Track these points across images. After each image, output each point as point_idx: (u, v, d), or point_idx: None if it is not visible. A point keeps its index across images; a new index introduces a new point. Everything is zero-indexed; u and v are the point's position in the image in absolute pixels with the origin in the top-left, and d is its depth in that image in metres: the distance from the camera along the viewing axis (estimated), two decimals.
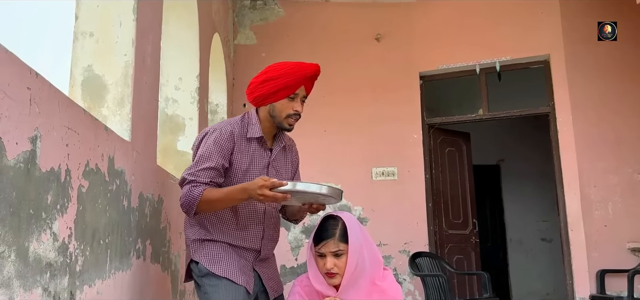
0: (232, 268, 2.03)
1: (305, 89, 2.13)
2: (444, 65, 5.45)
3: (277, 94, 2.07)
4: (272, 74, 2.09)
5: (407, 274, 5.03)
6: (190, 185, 1.98)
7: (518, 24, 5.31)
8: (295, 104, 2.10)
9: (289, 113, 2.10)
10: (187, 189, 1.98)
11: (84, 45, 2.38)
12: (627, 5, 4.72)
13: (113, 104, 2.33)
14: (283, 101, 2.09)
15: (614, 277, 4.61)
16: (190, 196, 1.97)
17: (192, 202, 1.96)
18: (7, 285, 1.30)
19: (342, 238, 1.89)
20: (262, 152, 2.15)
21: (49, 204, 1.53)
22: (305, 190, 1.87)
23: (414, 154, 5.35)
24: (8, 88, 1.30)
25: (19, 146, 1.36)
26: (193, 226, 2.12)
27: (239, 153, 2.08)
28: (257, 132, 2.11)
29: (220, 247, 2.07)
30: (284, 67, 2.10)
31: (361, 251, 1.89)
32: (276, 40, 5.64)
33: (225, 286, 1.99)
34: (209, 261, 2.04)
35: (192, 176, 1.99)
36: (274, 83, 2.07)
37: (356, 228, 1.92)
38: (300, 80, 2.09)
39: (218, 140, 2.03)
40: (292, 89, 2.07)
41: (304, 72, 2.09)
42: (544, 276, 7.52)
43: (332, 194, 1.88)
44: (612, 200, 4.82)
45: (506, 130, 7.61)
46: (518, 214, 7.88)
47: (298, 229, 5.29)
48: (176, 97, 3.86)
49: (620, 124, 4.93)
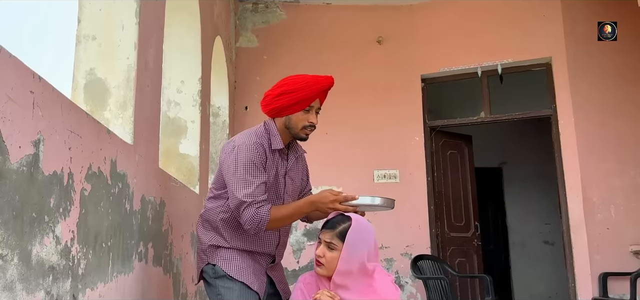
0: (248, 273, 2.07)
1: (319, 100, 2.18)
2: (445, 67, 5.45)
3: (292, 107, 2.11)
4: (288, 88, 2.12)
5: (409, 277, 5.03)
6: (255, 207, 1.98)
7: (520, 27, 5.31)
8: (311, 116, 2.15)
9: (304, 125, 2.14)
10: (252, 212, 1.98)
11: (86, 48, 2.38)
12: (628, 8, 4.71)
13: (115, 107, 2.34)
14: (299, 114, 2.13)
15: (616, 280, 4.60)
16: (259, 217, 1.98)
17: (261, 223, 1.98)
18: (10, 289, 1.30)
19: (340, 235, 1.91)
20: (282, 162, 2.19)
21: (52, 207, 1.53)
22: (371, 203, 2.03)
23: (416, 157, 5.34)
24: (11, 91, 1.31)
25: (22, 149, 1.36)
26: (208, 232, 2.16)
27: (268, 165, 2.11)
28: (279, 144, 2.14)
29: (236, 253, 2.11)
30: (300, 82, 2.13)
31: (352, 257, 1.89)
32: (278, 43, 5.65)
33: (240, 290, 2.03)
34: (226, 264, 2.08)
35: (251, 198, 1.98)
36: (290, 97, 2.11)
37: (359, 236, 1.91)
38: (315, 94, 2.13)
39: (255, 156, 2.05)
40: (307, 102, 2.12)
41: (320, 87, 2.15)
42: (546, 279, 7.50)
43: (388, 205, 2.08)
44: (615, 203, 4.81)
45: (508, 132, 7.60)
46: (520, 217, 7.86)
47: (300, 231, 5.29)
48: (178, 100, 3.87)
49: (623, 127, 4.92)
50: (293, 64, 5.57)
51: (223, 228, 2.13)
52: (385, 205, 2.07)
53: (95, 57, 2.38)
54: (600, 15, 5.00)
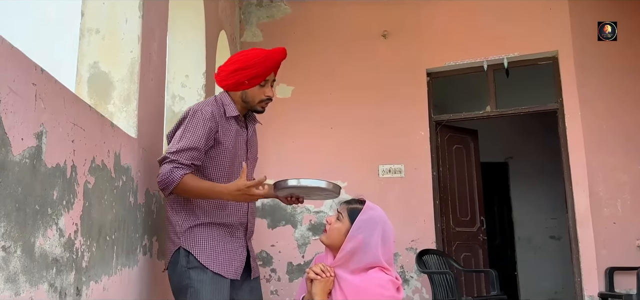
0: (222, 258, 2.07)
1: (274, 73, 2.20)
2: (451, 62, 5.42)
3: (247, 83, 2.14)
4: (241, 64, 2.15)
5: (414, 271, 5.02)
6: (172, 165, 2.01)
7: (526, 20, 5.27)
8: (267, 90, 2.19)
9: (261, 99, 2.19)
10: (168, 169, 2.00)
11: (90, 41, 2.39)
12: (636, 1, 4.67)
13: (119, 100, 2.34)
14: (254, 89, 2.17)
15: (623, 275, 4.57)
16: (170, 178, 1.99)
17: (169, 184, 2.00)
18: (14, 281, 1.30)
19: (350, 211, 1.95)
20: (240, 130, 2.21)
21: (55, 199, 1.53)
22: (296, 185, 2.02)
23: (421, 152, 5.32)
24: (13, 84, 1.30)
25: (25, 142, 1.36)
26: (179, 212, 2.12)
27: (223, 132, 2.12)
28: (234, 111, 2.17)
29: (211, 233, 2.09)
30: (252, 58, 2.15)
31: (357, 238, 1.89)
32: (282, 37, 5.63)
33: (213, 282, 2.02)
34: (200, 251, 2.06)
35: (174, 156, 2.02)
36: (244, 73, 2.14)
37: (370, 219, 1.92)
38: (269, 69, 2.16)
39: (201, 121, 2.06)
40: (262, 77, 2.15)
41: (273, 61, 2.16)
42: (552, 274, 7.47)
43: (331, 188, 2.04)
44: (622, 197, 4.78)
45: (514, 127, 7.56)
46: (526, 212, 7.83)
47: (305, 226, 5.29)
48: (183, 94, 3.87)
49: (630, 121, 4.88)
50: (297, 58, 5.56)
51: (195, 202, 2.11)
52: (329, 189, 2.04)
53: (99, 51, 2.38)
54: (608, 8, 4.96)
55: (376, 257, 1.90)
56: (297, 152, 5.42)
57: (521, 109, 5.48)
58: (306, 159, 5.40)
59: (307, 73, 5.57)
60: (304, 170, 5.37)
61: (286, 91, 5.57)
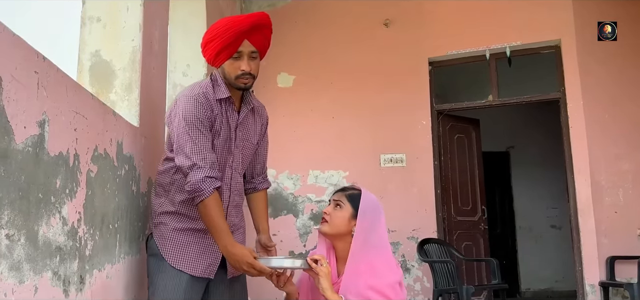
0: (191, 255, 1.95)
1: (252, 43, 1.93)
2: (453, 50, 5.39)
3: (219, 56, 1.94)
4: (208, 36, 1.97)
5: (416, 260, 5.03)
6: (202, 174, 1.84)
7: (528, 9, 5.24)
8: (242, 63, 1.93)
9: (237, 74, 1.94)
10: (200, 178, 1.83)
11: (91, 30, 2.38)
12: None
13: (121, 89, 2.34)
14: (228, 63, 1.94)
15: (624, 264, 4.57)
16: (201, 193, 1.84)
17: (199, 196, 1.84)
18: (18, 269, 1.31)
19: (350, 197, 1.93)
20: (232, 113, 2.04)
21: (58, 188, 1.54)
22: (291, 266, 1.85)
23: (423, 141, 5.31)
24: (15, 71, 1.30)
25: (27, 130, 1.36)
26: (160, 197, 2.05)
27: (215, 115, 1.97)
28: (224, 93, 1.98)
29: (183, 225, 1.97)
30: (216, 28, 1.93)
31: (367, 217, 1.88)
32: (284, 26, 5.60)
33: (175, 277, 1.92)
34: (166, 244, 1.96)
35: (202, 162, 1.85)
36: (213, 46, 1.93)
37: (373, 201, 1.93)
38: (237, 37, 1.89)
39: (198, 109, 1.90)
40: (232, 47, 1.90)
41: (239, 27, 1.88)
42: (553, 263, 7.48)
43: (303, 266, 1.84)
44: (623, 186, 4.77)
45: (516, 116, 7.54)
46: (527, 201, 7.84)
47: (306, 215, 5.30)
48: (184, 84, 3.86)
49: (633, 109, 4.87)
50: (299, 47, 5.54)
51: (175, 192, 1.99)
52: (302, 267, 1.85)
53: (100, 39, 2.37)
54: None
55: (384, 236, 1.91)
56: (299, 141, 5.41)
57: (523, 98, 5.46)
58: (308, 148, 5.39)
59: (308, 62, 5.55)
60: (306, 159, 5.38)
61: (288, 80, 5.55)
